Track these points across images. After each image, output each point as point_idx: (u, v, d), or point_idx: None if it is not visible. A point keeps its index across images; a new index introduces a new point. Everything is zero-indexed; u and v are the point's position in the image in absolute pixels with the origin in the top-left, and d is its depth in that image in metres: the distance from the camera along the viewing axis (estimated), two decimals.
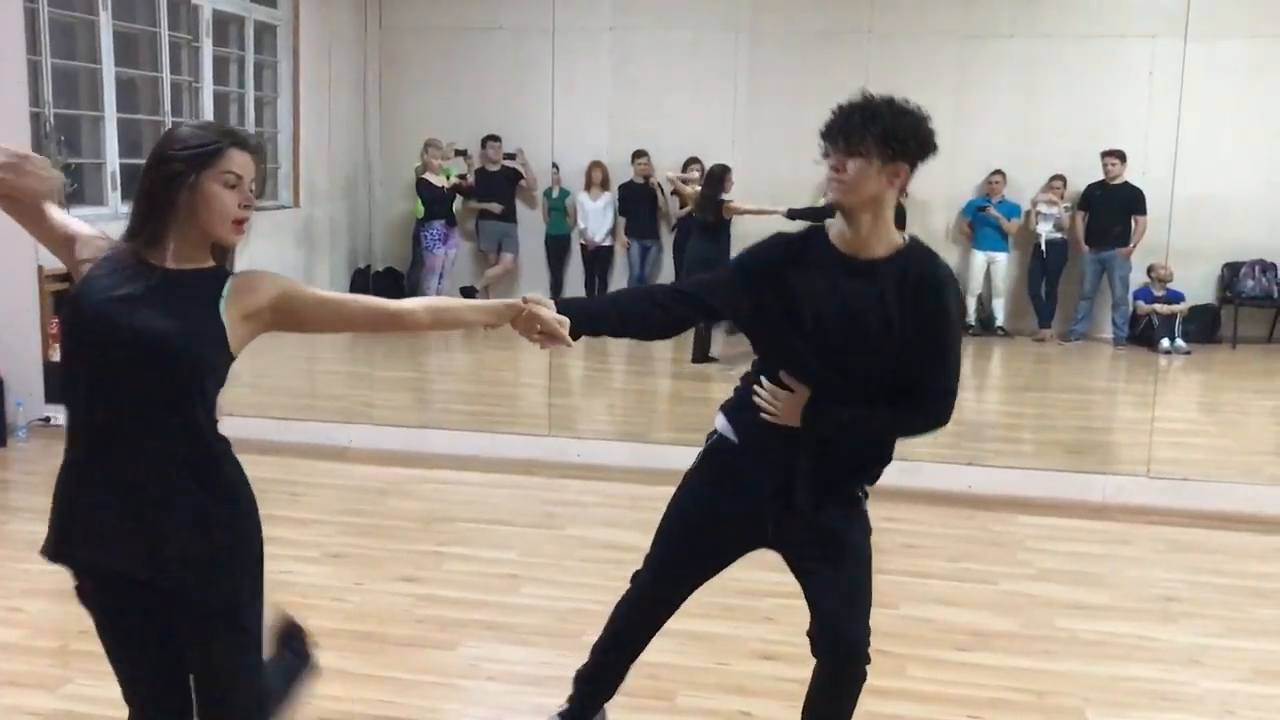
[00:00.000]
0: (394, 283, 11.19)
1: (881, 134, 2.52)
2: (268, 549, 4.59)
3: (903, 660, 3.69)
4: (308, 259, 10.76)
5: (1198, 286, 10.20)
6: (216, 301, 2.19)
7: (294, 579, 4.31)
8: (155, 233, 2.15)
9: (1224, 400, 8.38)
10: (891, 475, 2.90)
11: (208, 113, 9.21)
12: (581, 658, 3.49)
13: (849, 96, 2.65)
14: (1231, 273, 10.20)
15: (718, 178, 8.76)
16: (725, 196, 8.76)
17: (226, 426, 2.28)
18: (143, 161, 2.28)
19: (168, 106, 8.73)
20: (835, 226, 2.64)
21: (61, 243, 2.21)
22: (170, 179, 2.14)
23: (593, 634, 3.75)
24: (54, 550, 2.20)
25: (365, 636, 3.80)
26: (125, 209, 8.07)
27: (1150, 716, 3.36)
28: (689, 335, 8.33)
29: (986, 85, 10.39)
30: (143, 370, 2.08)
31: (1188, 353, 9.67)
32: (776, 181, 10.61)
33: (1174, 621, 4.11)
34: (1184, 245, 9.75)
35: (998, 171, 10.31)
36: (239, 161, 2.19)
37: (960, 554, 4.81)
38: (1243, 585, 4.49)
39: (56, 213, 2.22)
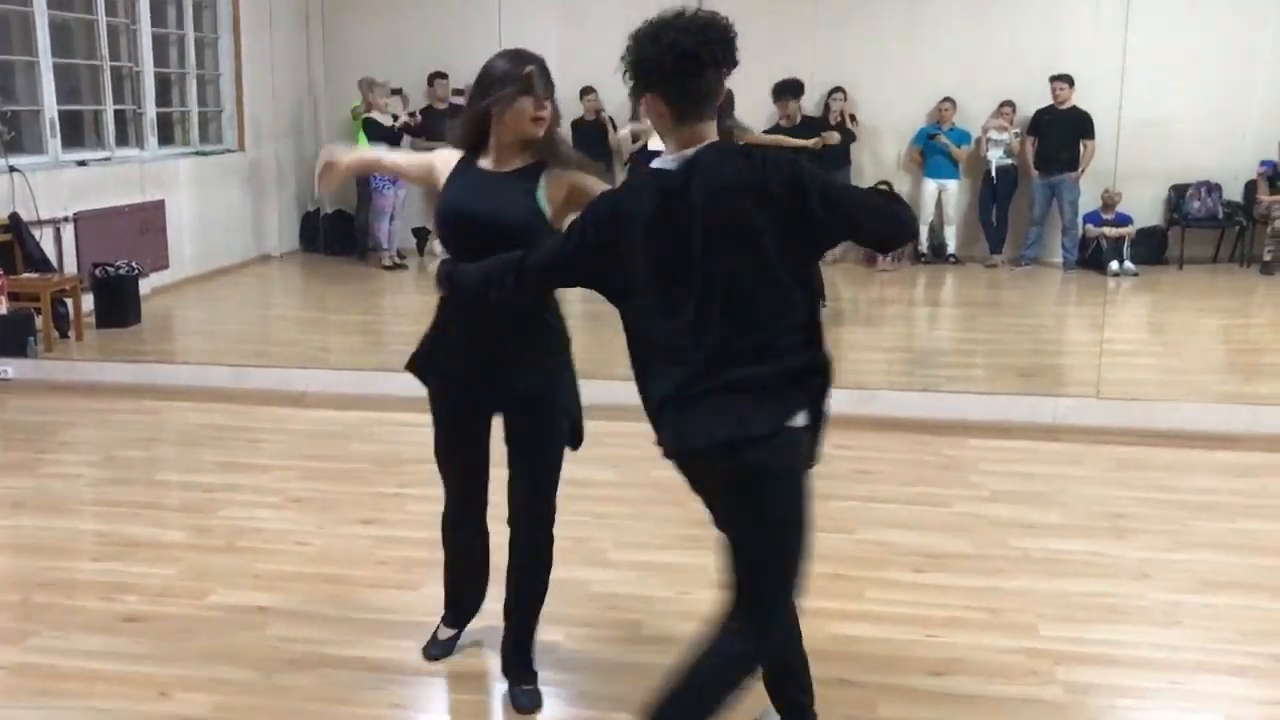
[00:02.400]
0: (345, 225, 11.07)
1: (630, 66, 2.43)
2: (228, 495, 4.61)
3: (860, 583, 3.77)
4: (256, 203, 10.62)
5: (1145, 209, 10.33)
6: (535, 191, 2.84)
7: (256, 524, 4.32)
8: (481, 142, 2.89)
9: (1171, 321, 8.52)
10: (845, 403, 2.95)
11: (147, 55, 9.01)
12: (560, 595, 3.52)
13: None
14: (1178, 195, 10.33)
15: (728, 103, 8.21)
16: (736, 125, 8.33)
17: (180, 375, 2.27)
18: (83, 106, 2.37)
19: (105, 50, 8.53)
20: None
21: (425, 178, 3.06)
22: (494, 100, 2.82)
23: (557, 569, 3.77)
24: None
25: (329, 579, 3.82)
26: (66, 156, 7.98)
27: (1100, 629, 3.46)
28: None
29: (935, 13, 10.37)
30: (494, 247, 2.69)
31: (1136, 275, 9.81)
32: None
33: (1123, 538, 4.22)
34: (1131, 168, 9.85)
35: (947, 99, 10.33)
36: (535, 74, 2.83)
37: (914, 478, 4.90)
38: (1189, 500, 4.61)
39: (402, 160, 3.28)
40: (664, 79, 2.37)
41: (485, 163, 2.91)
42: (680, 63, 2.34)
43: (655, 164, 2.46)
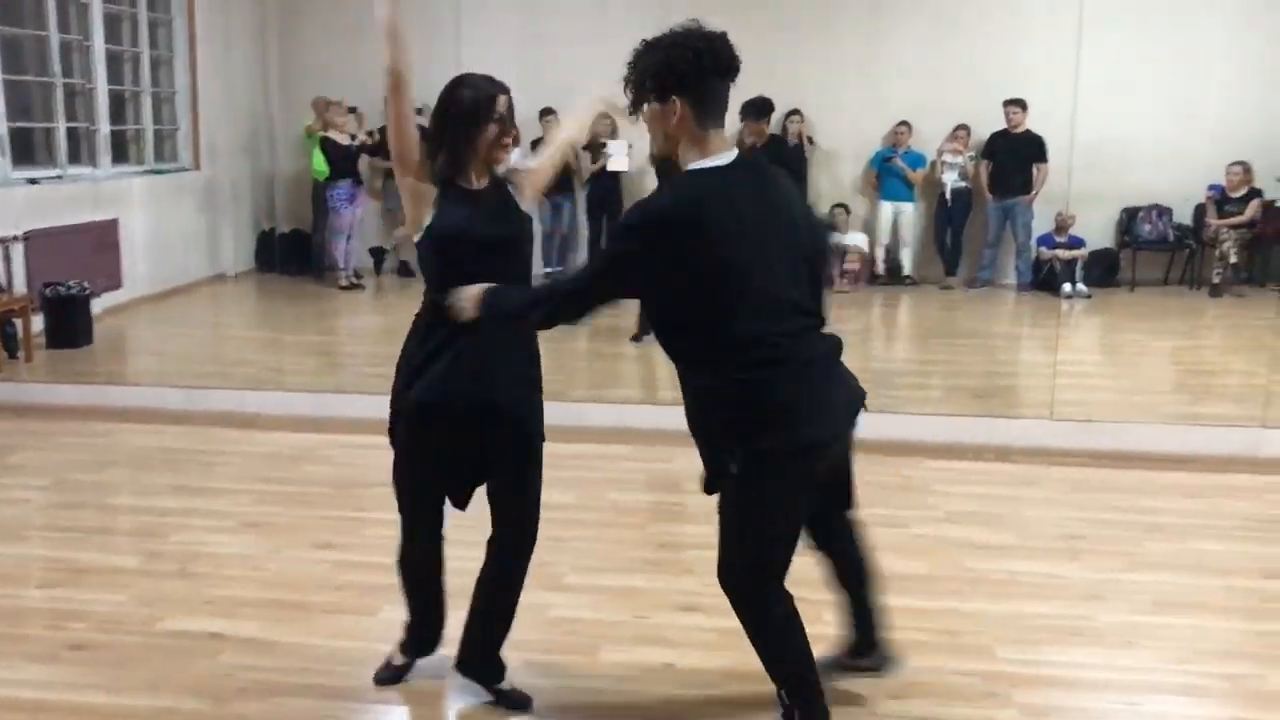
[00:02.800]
0: (301, 244, 11.00)
1: (648, 72, 2.62)
2: (180, 519, 4.54)
3: (819, 606, 3.75)
4: (211, 222, 10.52)
5: (1098, 232, 10.48)
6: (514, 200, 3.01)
7: (210, 549, 4.26)
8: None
9: (1123, 342, 8.63)
10: None
11: (100, 72, 8.91)
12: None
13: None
14: (1129, 217, 10.50)
15: None
16: None
17: (132, 397, 2.25)
18: (34, 124, 2.35)
19: (57, 66, 8.43)
20: None
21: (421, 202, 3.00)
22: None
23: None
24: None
25: (285, 605, 3.77)
26: (17, 174, 7.86)
27: (1056, 651, 3.49)
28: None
29: (892, 37, 10.49)
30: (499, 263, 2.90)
31: (1089, 297, 9.95)
32: None
33: (1077, 559, 4.26)
34: (1084, 191, 10.01)
35: (903, 122, 10.45)
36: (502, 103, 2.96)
37: (871, 499, 4.85)
38: (1141, 521, 4.66)
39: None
40: (694, 85, 2.56)
41: (465, 182, 2.96)
42: (712, 70, 2.57)
43: (704, 166, 2.57)
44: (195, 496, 4.86)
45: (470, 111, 2.92)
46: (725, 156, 2.59)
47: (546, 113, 10.51)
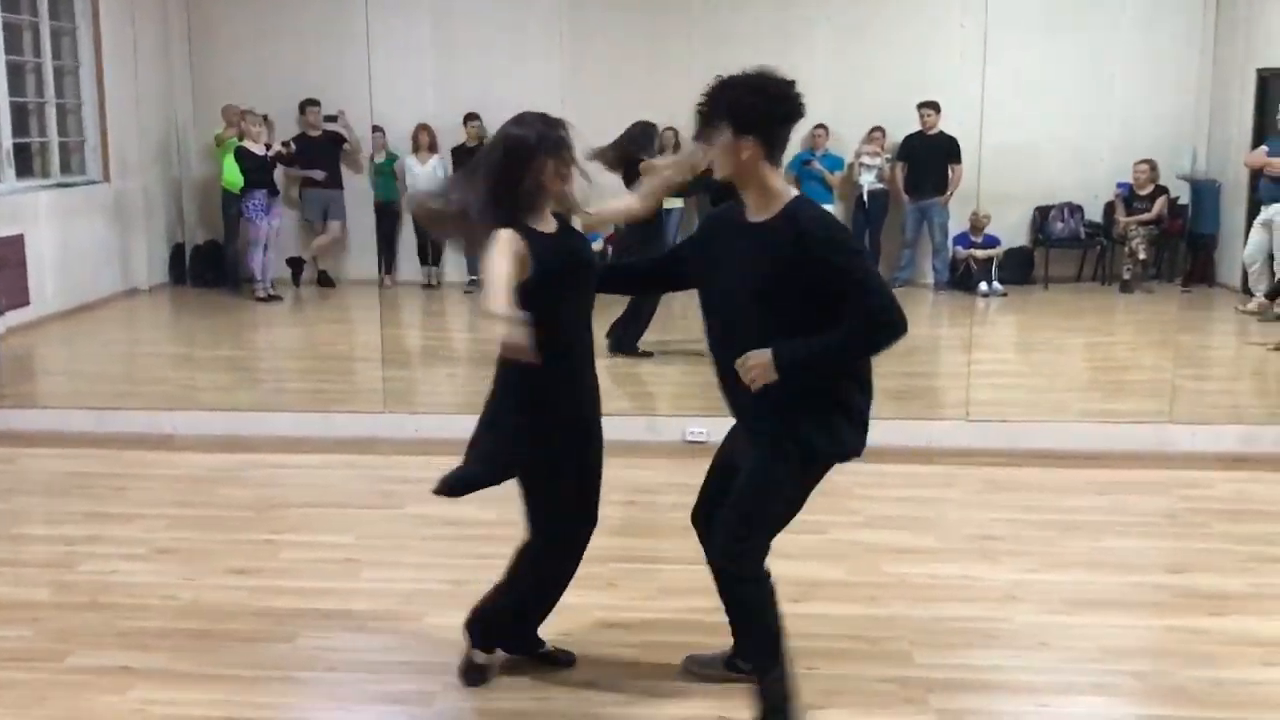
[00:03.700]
0: (216, 256, 10.81)
1: (727, 108, 2.88)
2: (91, 547, 4.44)
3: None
4: (122, 235, 10.28)
5: (1012, 230, 10.68)
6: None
7: (120, 578, 4.16)
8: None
9: (1037, 340, 8.81)
10: (724, 433, 3.04)
11: (0, 84, 8.66)
12: (424, 640, 3.50)
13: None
14: (1042, 216, 10.71)
15: (646, 136, 7.91)
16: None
17: (40, 420, 2.20)
18: None
19: None
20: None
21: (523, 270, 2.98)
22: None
23: (435, 615, 3.77)
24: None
25: (199, 635, 3.69)
26: None
27: (972, 654, 3.54)
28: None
29: (808, 40, 10.59)
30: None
31: (1004, 295, 10.13)
32: (608, 136, 10.59)
33: (994, 560, 4.33)
34: (997, 191, 10.19)
35: (820, 125, 10.52)
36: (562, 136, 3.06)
37: None
38: (1055, 520, 4.76)
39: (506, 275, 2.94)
40: (768, 127, 2.88)
41: (541, 226, 3.06)
42: (784, 118, 2.90)
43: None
44: (107, 523, 4.75)
45: (538, 146, 3.01)
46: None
47: (471, 118, 10.45)
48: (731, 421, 3.15)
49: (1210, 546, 4.49)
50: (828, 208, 11.05)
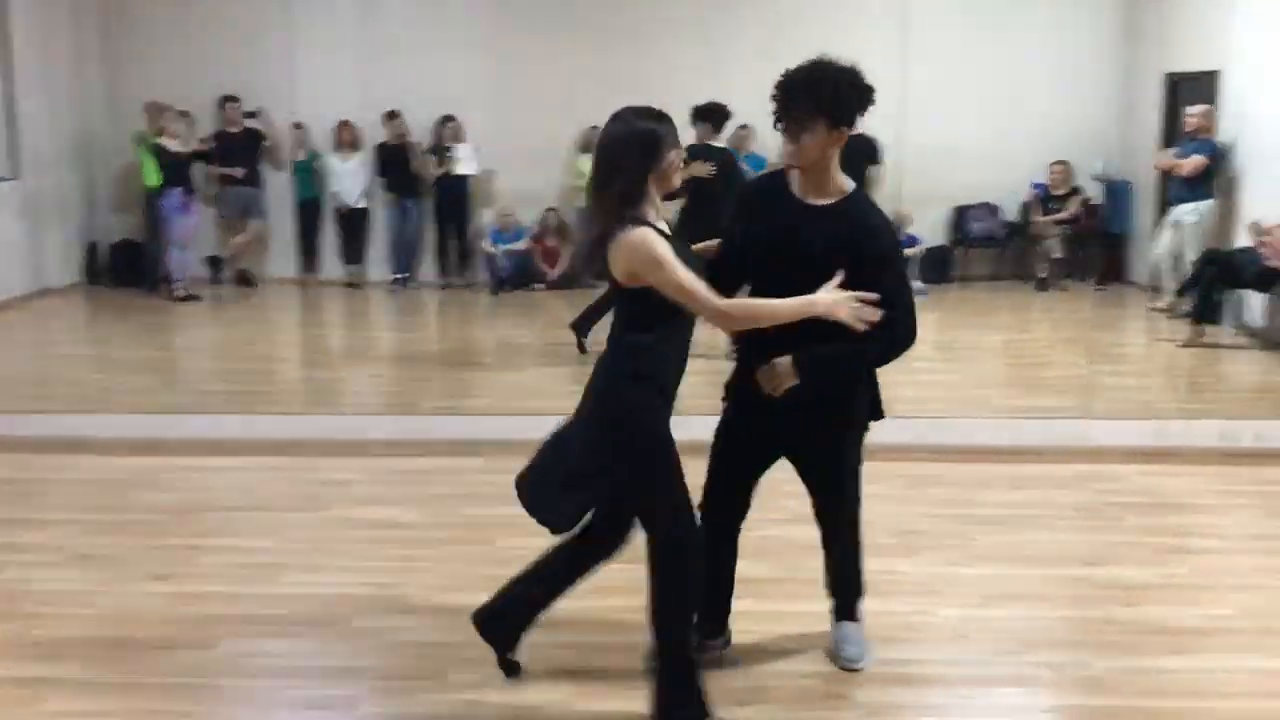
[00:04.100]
0: (132, 255, 10.58)
1: (829, 103, 3.04)
2: (3, 556, 4.32)
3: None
4: (33, 233, 10.01)
5: (931, 230, 10.86)
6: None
7: (35, 586, 4.06)
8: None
9: (956, 338, 8.95)
10: None
11: None
12: (348, 644, 3.47)
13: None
14: (960, 215, 10.91)
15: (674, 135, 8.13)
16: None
17: None
18: None
19: None
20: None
21: None
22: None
23: (361, 618, 3.74)
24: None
25: (117, 643, 3.62)
26: None
27: (895, 649, 3.60)
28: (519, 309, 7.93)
29: (726, 42, 10.66)
30: None
31: (925, 294, 10.27)
32: (531, 135, 10.59)
33: (915, 555, 4.40)
34: (917, 191, 10.37)
35: (744, 126, 10.58)
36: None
37: None
38: (975, 515, 4.86)
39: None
40: (856, 119, 3.10)
41: (656, 221, 3.01)
42: (868, 108, 3.12)
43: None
44: (18, 530, 4.62)
45: (663, 140, 2.99)
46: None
47: (392, 115, 10.36)
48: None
49: (1124, 539, 4.62)
50: None
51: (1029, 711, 3.30)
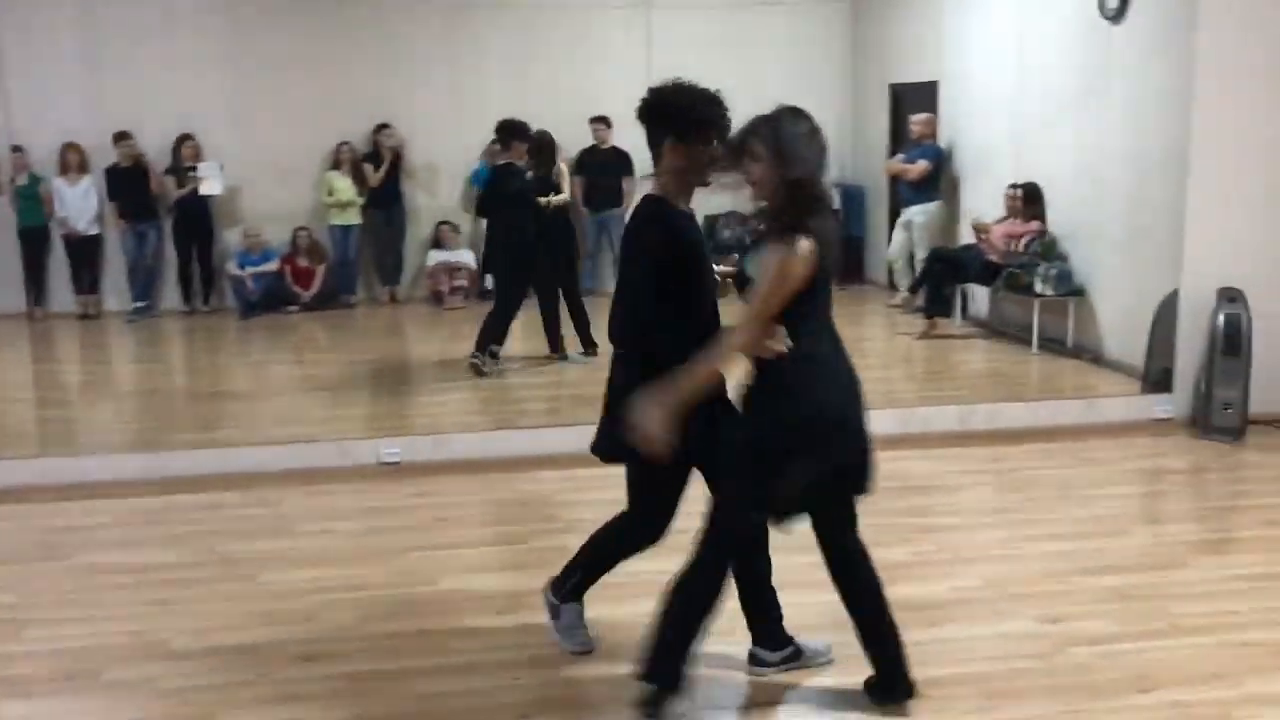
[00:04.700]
0: None
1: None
2: None
3: (444, 636, 3.75)
4: None
5: None
6: None
7: None
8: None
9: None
10: (425, 450, 2.97)
11: None
12: (102, 699, 3.25)
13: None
14: (710, 224, 11.25)
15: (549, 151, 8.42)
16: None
17: None
18: None
19: None
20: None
21: None
22: None
23: (115, 669, 3.51)
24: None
25: None
26: None
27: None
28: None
29: (480, 54, 10.65)
30: None
31: None
32: (277, 151, 10.26)
33: (681, 553, 4.49)
34: None
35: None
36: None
37: (491, 518, 4.97)
38: None
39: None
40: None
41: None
42: None
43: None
44: None
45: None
46: None
47: (122, 137, 9.81)
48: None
49: (874, 521, 4.81)
50: None
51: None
